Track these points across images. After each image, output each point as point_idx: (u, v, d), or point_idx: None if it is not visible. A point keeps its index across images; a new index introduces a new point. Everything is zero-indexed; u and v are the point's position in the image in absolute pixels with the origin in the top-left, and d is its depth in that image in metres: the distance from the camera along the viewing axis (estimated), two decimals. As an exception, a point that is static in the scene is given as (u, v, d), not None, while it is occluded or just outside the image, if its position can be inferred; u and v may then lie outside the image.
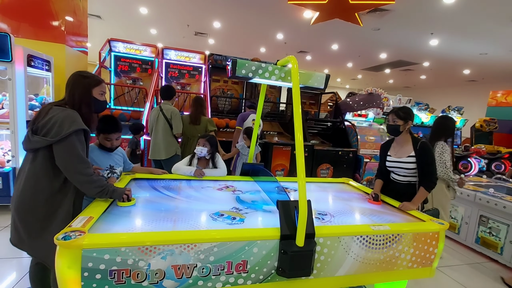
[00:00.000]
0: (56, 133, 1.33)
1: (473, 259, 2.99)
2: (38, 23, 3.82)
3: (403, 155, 2.17)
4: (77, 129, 1.37)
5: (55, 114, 1.37)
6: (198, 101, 3.45)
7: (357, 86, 16.83)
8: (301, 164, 1.37)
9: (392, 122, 2.18)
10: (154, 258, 1.18)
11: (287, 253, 1.31)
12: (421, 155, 2.09)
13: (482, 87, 11.85)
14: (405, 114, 2.15)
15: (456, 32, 6.40)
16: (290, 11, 5.99)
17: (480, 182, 3.71)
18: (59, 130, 1.33)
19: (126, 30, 8.49)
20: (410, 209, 1.93)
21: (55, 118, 1.36)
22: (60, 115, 1.37)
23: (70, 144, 1.35)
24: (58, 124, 1.34)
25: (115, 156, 2.02)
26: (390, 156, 2.25)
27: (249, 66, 1.66)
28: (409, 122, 2.16)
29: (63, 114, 1.38)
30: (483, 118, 7.45)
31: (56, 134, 1.33)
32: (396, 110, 2.19)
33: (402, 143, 2.21)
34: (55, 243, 1.10)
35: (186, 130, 3.30)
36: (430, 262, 1.68)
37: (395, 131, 2.18)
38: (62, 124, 1.34)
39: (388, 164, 2.26)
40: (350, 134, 5.58)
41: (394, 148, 2.26)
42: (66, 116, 1.37)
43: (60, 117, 1.36)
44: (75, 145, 1.37)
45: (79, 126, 1.38)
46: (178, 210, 1.63)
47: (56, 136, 1.33)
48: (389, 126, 2.22)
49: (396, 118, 2.16)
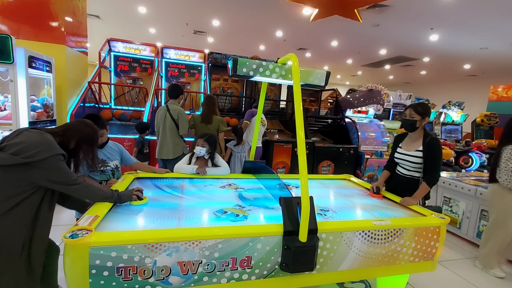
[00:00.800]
0: (33, 154, 1.24)
1: (474, 253, 3.01)
2: (38, 24, 3.83)
3: (412, 148, 2.20)
4: (57, 154, 1.31)
5: (31, 136, 1.32)
6: (209, 100, 3.45)
7: (357, 83, 16.79)
8: (303, 161, 1.39)
9: (409, 117, 2.17)
10: (160, 255, 1.20)
11: (290, 249, 1.33)
12: (428, 150, 2.11)
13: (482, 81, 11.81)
14: (423, 109, 2.14)
15: (456, 27, 6.38)
16: (289, 8, 5.97)
17: (481, 177, 3.72)
18: (37, 151, 1.25)
19: (125, 30, 8.47)
20: (411, 204, 1.95)
21: (31, 140, 1.29)
22: (36, 137, 1.31)
23: (54, 164, 1.29)
24: (35, 145, 1.27)
25: (107, 150, 2.08)
26: (400, 148, 2.28)
27: (250, 65, 1.67)
28: (426, 118, 2.15)
29: (40, 137, 1.32)
30: (484, 113, 7.44)
31: (32, 155, 1.24)
32: (414, 105, 2.19)
33: (415, 138, 2.22)
34: (63, 241, 1.12)
35: (198, 129, 3.32)
36: (432, 256, 1.70)
37: (411, 126, 2.17)
38: (40, 146, 1.27)
39: (396, 155, 2.28)
40: (351, 130, 5.59)
41: (406, 141, 2.29)
42: (43, 139, 1.31)
43: (37, 139, 1.30)
44: (58, 164, 1.31)
45: (57, 151, 1.31)
46: (182, 208, 1.65)
47: (32, 157, 1.23)
48: (405, 121, 2.20)
49: (414, 113, 2.15)
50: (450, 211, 3.47)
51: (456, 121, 7.93)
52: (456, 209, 3.41)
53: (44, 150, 1.27)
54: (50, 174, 1.29)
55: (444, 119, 7.76)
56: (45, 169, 1.27)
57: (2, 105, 3.28)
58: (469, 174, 4.04)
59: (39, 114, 3.35)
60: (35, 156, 1.24)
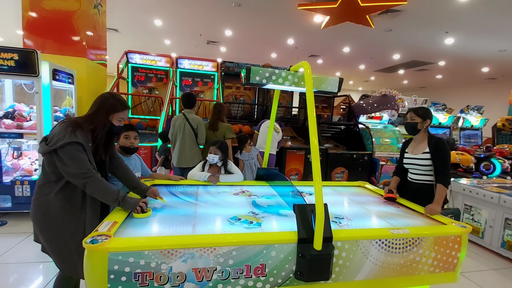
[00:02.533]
0: (54, 142, 1.42)
1: (499, 264, 2.86)
2: (61, 39, 4.06)
3: (418, 152, 2.20)
4: (71, 142, 1.42)
5: (57, 126, 1.49)
6: (216, 107, 3.54)
7: (370, 88, 16.57)
8: (317, 167, 1.39)
9: (410, 119, 2.22)
10: (176, 261, 1.22)
11: (305, 257, 1.32)
12: (435, 152, 2.10)
13: (502, 84, 11.38)
14: (423, 112, 2.20)
15: (473, 30, 6.22)
16: (300, 16, 6.03)
17: (504, 184, 3.56)
18: (56, 140, 1.42)
19: (142, 42, 8.80)
20: (437, 212, 1.87)
21: (55, 130, 1.47)
22: (58, 127, 1.48)
23: (66, 151, 1.42)
24: (56, 135, 1.43)
25: (132, 161, 2.11)
26: (407, 153, 2.29)
27: (262, 73, 1.70)
28: (427, 120, 2.19)
29: (60, 127, 1.47)
30: (505, 117, 7.15)
31: (54, 144, 1.41)
32: (415, 108, 2.25)
33: (419, 141, 2.24)
34: (83, 246, 1.16)
35: (206, 136, 3.38)
36: (453, 267, 1.63)
37: (413, 128, 2.22)
38: (59, 135, 1.43)
39: (405, 161, 2.29)
40: (365, 136, 5.50)
41: (411, 145, 2.30)
42: (62, 128, 1.46)
43: (58, 128, 1.47)
44: (71, 152, 1.42)
45: (71, 139, 1.42)
46: (196, 214, 1.67)
47: (54, 145, 1.40)
48: (407, 124, 2.26)
49: (414, 115, 2.20)
50: (472, 219, 3.32)
51: (475, 125, 7.65)
52: (478, 217, 3.27)
53: (61, 138, 1.41)
54: (62, 163, 1.41)
55: (463, 124, 7.51)
56: (60, 158, 1.42)
57: (28, 116, 3.46)
58: (491, 180, 3.87)
59: (61, 124, 3.51)
60: (55, 144, 1.40)
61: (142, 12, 6.39)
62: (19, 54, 3.08)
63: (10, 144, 3.43)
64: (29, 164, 3.51)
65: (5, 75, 3.14)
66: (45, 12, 3.96)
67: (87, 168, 1.44)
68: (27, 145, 3.72)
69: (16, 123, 3.29)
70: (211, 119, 3.47)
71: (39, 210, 1.49)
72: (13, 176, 3.33)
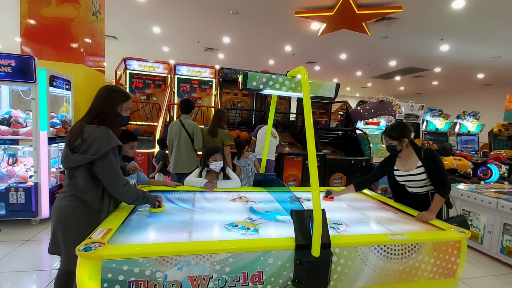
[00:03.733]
0: (95, 150, 1.44)
1: (499, 270, 2.83)
2: (59, 46, 4.06)
3: (411, 167, 2.12)
4: (114, 146, 1.50)
5: (91, 133, 1.47)
6: (217, 113, 3.55)
7: (367, 94, 16.70)
8: (314, 173, 1.38)
9: (387, 143, 2.14)
10: (171, 269, 1.19)
11: (303, 264, 1.30)
12: (428, 163, 2.05)
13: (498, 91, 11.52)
14: (397, 133, 2.08)
15: (467, 37, 6.32)
16: (297, 23, 6.10)
17: (502, 189, 3.56)
18: (98, 147, 1.44)
19: (140, 49, 8.85)
20: (430, 218, 1.87)
21: (92, 137, 1.46)
22: (96, 133, 1.47)
23: (108, 160, 1.48)
24: (96, 142, 1.45)
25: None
26: (398, 170, 2.19)
27: (259, 78, 1.70)
28: (404, 139, 2.08)
29: (99, 132, 1.48)
30: (501, 123, 7.20)
31: (95, 152, 1.44)
32: (387, 130, 2.13)
33: (407, 157, 2.15)
34: (76, 254, 1.14)
35: (205, 142, 3.38)
36: (453, 273, 1.61)
37: (394, 150, 2.14)
38: (100, 141, 1.45)
39: (398, 178, 2.20)
40: (362, 142, 5.51)
41: (399, 162, 2.20)
42: (102, 134, 1.48)
43: (97, 135, 1.47)
44: (112, 161, 1.49)
45: (115, 143, 1.51)
46: (193, 221, 1.65)
47: (96, 154, 1.44)
48: (387, 147, 2.18)
49: (388, 139, 2.12)
50: (471, 225, 3.31)
51: (472, 131, 7.69)
52: (476, 223, 3.25)
53: (104, 144, 1.49)
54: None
55: (459, 130, 7.56)
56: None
57: (24, 122, 3.44)
58: (489, 186, 3.87)
59: (57, 130, 3.49)
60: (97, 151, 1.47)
61: (140, 19, 6.44)
62: (16, 61, 3.08)
63: (5, 150, 3.39)
64: (24, 171, 3.47)
65: (2, 81, 3.13)
66: (43, 19, 3.98)
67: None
68: (23, 152, 3.69)
69: (12, 130, 3.26)
70: (211, 125, 3.47)
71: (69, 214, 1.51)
72: (8, 183, 3.28)
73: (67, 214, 1.50)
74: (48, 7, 3.96)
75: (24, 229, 3.19)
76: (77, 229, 1.48)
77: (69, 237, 1.48)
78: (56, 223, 1.53)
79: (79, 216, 1.50)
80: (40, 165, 3.24)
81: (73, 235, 1.47)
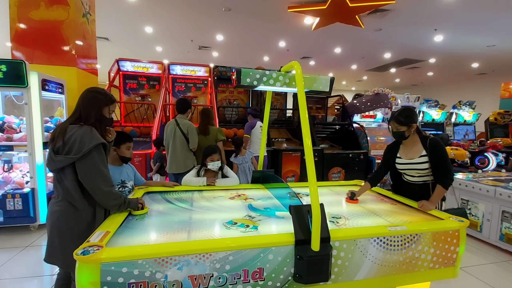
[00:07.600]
0: (78, 150, 1.39)
1: (499, 257, 2.86)
2: (50, 49, 4.01)
3: (414, 155, 2.09)
4: (97, 144, 1.44)
5: (74, 132, 1.43)
6: (204, 112, 3.55)
7: (363, 88, 16.71)
8: (311, 168, 1.37)
9: (395, 129, 2.08)
10: (171, 269, 1.19)
11: (303, 259, 1.30)
12: (433, 153, 2.02)
13: (493, 79, 11.57)
14: (406, 118, 2.03)
15: (461, 26, 6.32)
16: (290, 18, 6.07)
17: (499, 177, 3.58)
18: (80, 147, 1.40)
19: (133, 50, 8.78)
20: (430, 208, 1.87)
21: (74, 136, 1.42)
22: (78, 132, 1.43)
23: (91, 159, 1.42)
24: (78, 141, 1.40)
25: (126, 170, 2.08)
26: (400, 158, 2.16)
27: (253, 75, 1.69)
28: (412, 125, 2.04)
29: (81, 131, 1.43)
30: (497, 111, 7.25)
31: (78, 151, 1.39)
32: (396, 116, 2.07)
33: (412, 144, 2.12)
34: (74, 258, 1.13)
35: (198, 141, 3.36)
36: (453, 262, 1.62)
37: (402, 137, 2.08)
38: (82, 141, 1.40)
39: (399, 166, 2.18)
40: (360, 135, 5.52)
41: (403, 149, 2.17)
42: (84, 133, 1.43)
43: (79, 134, 1.42)
44: (96, 161, 1.44)
45: (98, 141, 1.45)
46: (191, 220, 1.64)
47: (78, 153, 1.39)
48: (394, 134, 2.12)
49: (397, 125, 2.06)
50: (469, 213, 3.33)
51: (468, 120, 7.74)
52: (475, 211, 3.28)
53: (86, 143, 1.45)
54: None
55: (456, 120, 7.59)
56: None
57: (18, 127, 3.40)
58: (487, 174, 3.89)
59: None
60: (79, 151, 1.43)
61: (132, 19, 6.38)
62: (7, 66, 3.03)
63: (0, 157, 3.36)
64: (20, 176, 3.44)
65: (-7, 87, 3.09)
66: (33, 22, 3.92)
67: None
68: (18, 158, 3.65)
69: (6, 136, 3.23)
70: (200, 125, 3.47)
71: (62, 219, 1.48)
72: (4, 189, 3.25)
73: (60, 218, 1.48)
74: (37, 10, 3.91)
75: (23, 235, 3.17)
76: (72, 232, 1.46)
77: (66, 241, 1.47)
78: (51, 228, 1.50)
79: (72, 219, 1.47)
80: (36, 171, 3.21)
81: (69, 239, 1.45)
